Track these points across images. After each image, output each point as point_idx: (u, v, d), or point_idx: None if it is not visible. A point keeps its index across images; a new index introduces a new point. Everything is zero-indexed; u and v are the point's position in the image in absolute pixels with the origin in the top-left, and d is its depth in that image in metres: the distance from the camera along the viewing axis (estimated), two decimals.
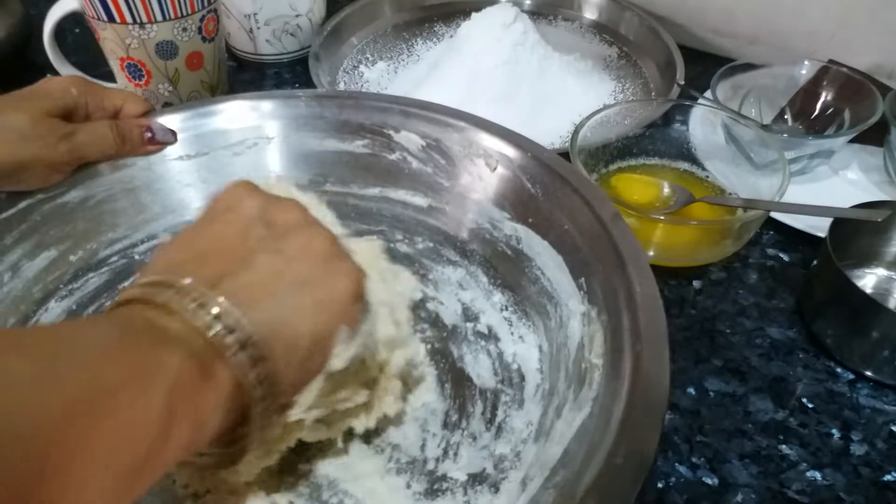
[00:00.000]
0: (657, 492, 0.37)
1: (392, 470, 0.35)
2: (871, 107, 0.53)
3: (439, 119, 0.46)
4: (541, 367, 0.38)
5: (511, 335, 0.41)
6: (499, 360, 0.40)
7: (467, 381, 0.39)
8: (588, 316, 0.36)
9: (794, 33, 0.67)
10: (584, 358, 0.35)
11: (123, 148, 0.44)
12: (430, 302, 0.43)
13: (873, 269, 0.48)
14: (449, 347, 0.41)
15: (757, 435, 0.39)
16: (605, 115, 0.50)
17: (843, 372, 0.42)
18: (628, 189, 0.52)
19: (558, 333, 0.38)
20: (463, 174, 0.45)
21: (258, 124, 0.48)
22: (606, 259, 0.36)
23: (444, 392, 0.38)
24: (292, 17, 0.68)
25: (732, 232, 0.45)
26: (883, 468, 0.38)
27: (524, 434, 0.35)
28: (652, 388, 0.29)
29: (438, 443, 0.36)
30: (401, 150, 0.47)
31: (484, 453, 0.35)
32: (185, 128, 0.47)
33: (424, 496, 0.34)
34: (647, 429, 0.28)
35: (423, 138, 0.46)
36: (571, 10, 0.77)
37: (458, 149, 0.45)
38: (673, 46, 0.65)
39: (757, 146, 0.50)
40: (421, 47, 0.72)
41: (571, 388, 0.34)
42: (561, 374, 0.36)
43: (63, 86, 0.43)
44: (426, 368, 0.39)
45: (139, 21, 0.52)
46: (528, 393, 0.38)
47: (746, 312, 0.46)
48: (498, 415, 0.37)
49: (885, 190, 0.55)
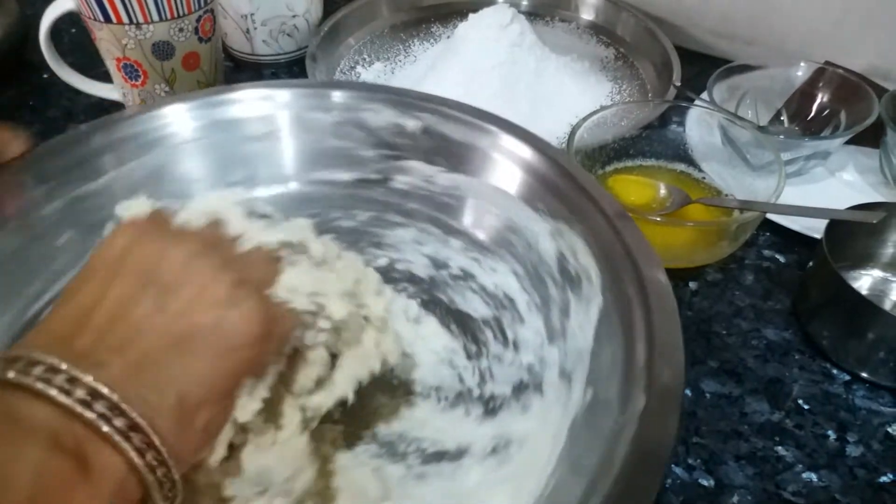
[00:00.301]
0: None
1: (446, 407, 0.38)
2: (867, 108, 0.53)
3: (358, 94, 0.48)
4: (523, 287, 0.42)
5: (483, 270, 0.44)
6: (484, 293, 0.43)
7: (467, 318, 0.42)
8: (557, 231, 0.40)
9: (790, 35, 0.67)
10: (571, 264, 0.39)
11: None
12: (398, 263, 0.45)
13: (869, 270, 0.48)
14: (437, 295, 0.43)
15: (753, 436, 0.39)
16: (601, 116, 0.51)
17: (838, 373, 0.43)
18: (625, 190, 0.52)
19: (529, 254, 0.42)
20: (381, 144, 0.47)
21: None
22: (561, 181, 0.41)
23: (452, 332, 0.41)
24: (289, 17, 0.68)
25: (729, 233, 0.45)
26: (878, 470, 0.38)
27: (538, 341, 0.40)
28: (661, 289, 0.33)
29: (472, 372, 0.39)
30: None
31: (514, 367, 0.39)
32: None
33: (486, 416, 0.37)
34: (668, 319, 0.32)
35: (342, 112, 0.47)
36: (568, 11, 0.77)
37: (373, 117, 0.47)
38: (670, 47, 0.65)
39: (753, 147, 0.50)
40: (418, 48, 0.72)
41: (567, 290, 0.39)
42: (548, 285, 0.41)
43: None
44: (427, 317, 0.42)
45: (135, 21, 0.52)
46: (522, 310, 0.41)
47: (742, 314, 0.46)
48: (508, 334, 0.41)
49: (880, 191, 0.55)
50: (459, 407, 0.37)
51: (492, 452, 0.35)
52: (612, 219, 0.37)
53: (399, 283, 0.44)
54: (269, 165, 0.48)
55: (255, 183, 0.47)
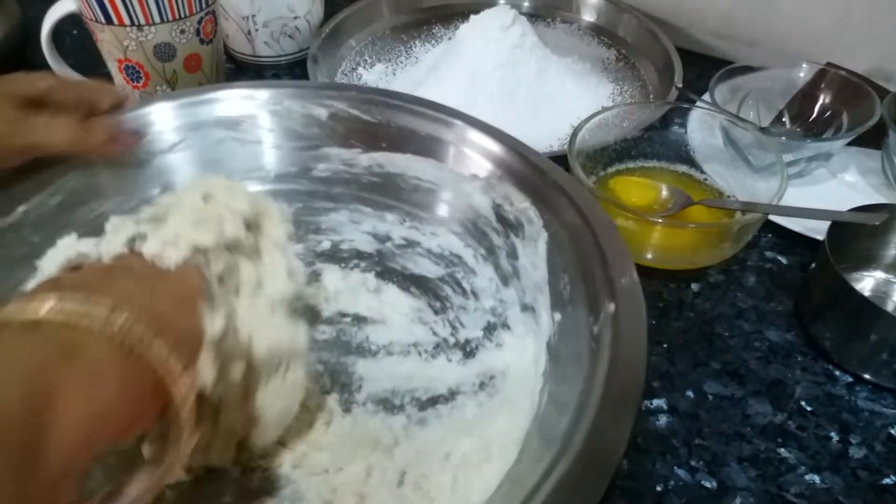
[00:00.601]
0: (656, 495, 0.36)
1: (428, 359, 0.41)
2: (869, 110, 0.53)
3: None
4: (465, 243, 0.46)
5: (424, 235, 0.48)
6: (431, 255, 0.47)
7: (423, 279, 0.46)
8: (489, 184, 0.45)
9: (792, 36, 0.67)
10: (508, 210, 0.44)
11: (84, 145, 0.43)
12: (343, 243, 0.48)
13: (871, 271, 0.48)
14: (389, 265, 0.47)
15: (755, 438, 0.39)
16: (603, 117, 0.50)
17: (841, 375, 0.42)
18: (626, 192, 0.51)
19: (466, 212, 0.46)
20: (293, 136, 0.49)
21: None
22: (485, 139, 0.45)
23: (413, 294, 0.45)
24: (290, 18, 0.68)
25: (731, 235, 0.45)
26: (881, 471, 0.38)
27: (492, 286, 0.44)
28: (599, 214, 0.38)
29: (442, 325, 0.43)
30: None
31: (479, 313, 0.43)
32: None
33: (466, 358, 0.41)
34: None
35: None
36: (570, 12, 0.77)
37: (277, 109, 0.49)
38: (671, 49, 0.65)
39: (755, 149, 0.50)
40: (419, 49, 0.72)
41: (511, 235, 0.44)
42: (490, 236, 0.45)
43: (30, 79, 0.42)
44: (386, 286, 0.45)
45: (137, 23, 0.52)
46: (470, 262, 0.46)
47: (745, 315, 0.46)
48: (465, 286, 0.45)
49: (883, 193, 0.55)
50: (440, 356, 0.41)
51: (480, 387, 0.39)
52: (538, 164, 0.42)
53: (349, 261, 0.47)
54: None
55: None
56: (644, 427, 0.40)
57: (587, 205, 0.39)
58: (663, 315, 0.46)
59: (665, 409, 0.41)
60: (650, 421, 0.40)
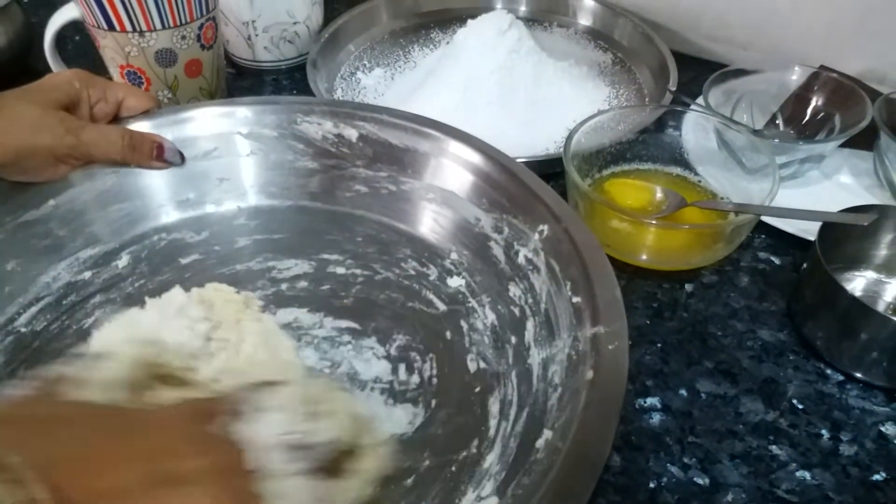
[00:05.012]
0: (649, 492, 0.37)
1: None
2: (861, 112, 0.54)
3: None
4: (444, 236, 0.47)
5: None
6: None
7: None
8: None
9: (785, 39, 0.68)
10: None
11: (131, 157, 0.46)
12: (331, 266, 0.47)
13: (862, 271, 0.48)
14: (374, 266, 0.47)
15: (748, 435, 0.40)
16: (598, 120, 0.51)
17: (832, 373, 0.43)
18: (622, 194, 0.52)
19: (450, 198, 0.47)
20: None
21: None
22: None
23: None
24: (290, 24, 0.69)
25: (724, 236, 0.46)
26: (871, 468, 0.38)
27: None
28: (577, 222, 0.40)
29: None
30: None
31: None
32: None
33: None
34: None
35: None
36: (566, 16, 0.77)
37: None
38: (666, 52, 0.66)
39: (748, 151, 0.50)
40: (417, 54, 0.73)
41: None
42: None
43: (68, 79, 0.44)
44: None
45: (139, 29, 0.53)
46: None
47: (738, 315, 0.47)
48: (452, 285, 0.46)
49: (875, 194, 0.55)
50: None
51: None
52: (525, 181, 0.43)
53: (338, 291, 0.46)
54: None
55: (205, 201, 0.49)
56: (638, 425, 0.40)
57: (572, 223, 0.40)
58: (657, 315, 0.47)
59: (659, 408, 0.41)
60: (644, 419, 0.41)
